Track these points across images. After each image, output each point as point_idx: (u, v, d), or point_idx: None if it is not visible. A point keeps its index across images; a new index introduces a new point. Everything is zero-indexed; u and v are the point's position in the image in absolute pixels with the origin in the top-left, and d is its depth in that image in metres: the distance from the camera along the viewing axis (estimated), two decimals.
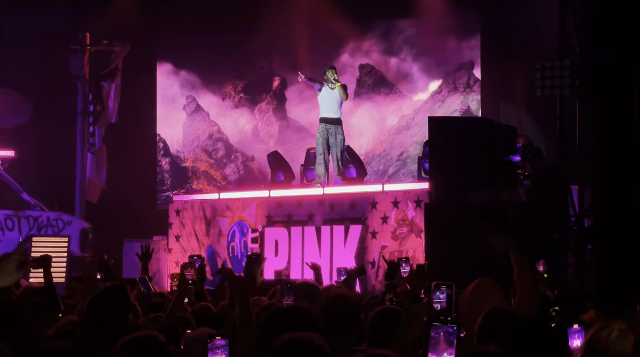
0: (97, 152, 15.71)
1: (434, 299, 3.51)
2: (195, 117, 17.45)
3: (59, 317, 4.87)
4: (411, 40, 15.78)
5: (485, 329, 3.74)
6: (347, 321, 3.89)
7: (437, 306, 3.49)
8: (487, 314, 3.83)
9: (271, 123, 16.98)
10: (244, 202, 12.83)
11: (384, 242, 11.53)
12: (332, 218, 11.96)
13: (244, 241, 12.67)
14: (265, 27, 15.79)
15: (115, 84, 15.77)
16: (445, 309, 3.47)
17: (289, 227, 12.12)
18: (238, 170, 17.11)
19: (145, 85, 17.17)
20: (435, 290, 3.51)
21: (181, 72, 17.40)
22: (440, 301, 3.50)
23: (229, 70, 17.17)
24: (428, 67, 15.72)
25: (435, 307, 3.49)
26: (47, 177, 15.99)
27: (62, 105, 16.36)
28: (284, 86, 16.87)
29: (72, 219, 14.23)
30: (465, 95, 15.44)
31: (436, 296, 3.51)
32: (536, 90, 9.79)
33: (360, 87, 16.03)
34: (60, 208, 14.46)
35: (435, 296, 3.51)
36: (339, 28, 15.51)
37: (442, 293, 3.49)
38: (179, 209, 13.36)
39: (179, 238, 13.27)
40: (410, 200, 11.44)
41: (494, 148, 9.28)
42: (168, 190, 16.84)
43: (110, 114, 15.83)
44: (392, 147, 16.01)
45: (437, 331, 3.05)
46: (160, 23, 16.48)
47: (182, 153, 17.48)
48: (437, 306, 3.50)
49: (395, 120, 16.02)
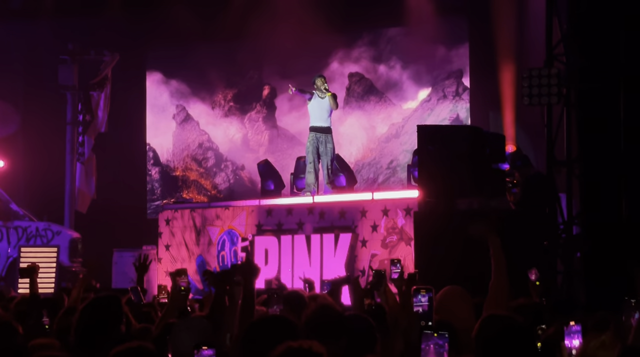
0: (87, 161, 15.69)
1: (415, 303, 3.53)
2: (185, 126, 17.45)
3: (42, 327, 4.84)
4: (400, 48, 15.84)
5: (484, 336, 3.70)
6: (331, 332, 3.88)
7: (418, 309, 3.51)
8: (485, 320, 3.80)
9: (261, 131, 17.00)
10: (234, 211, 12.83)
11: (373, 250, 11.54)
12: (322, 226, 11.97)
13: (234, 250, 12.66)
14: (255, 36, 15.83)
15: (105, 93, 15.78)
16: (427, 312, 3.49)
17: (278, 235, 12.12)
18: (228, 179, 17.11)
19: (135, 94, 17.16)
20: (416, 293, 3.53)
21: (171, 81, 17.40)
22: (422, 304, 3.52)
23: (219, 79, 17.19)
24: (417, 75, 15.77)
25: (417, 310, 3.51)
26: (36, 187, 15.96)
27: (51, 115, 16.35)
28: (274, 95, 16.89)
29: (61, 229, 14.20)
30: (454, 103, 15.49)
31: (417, 299, 3.52)
32: (524, 98, 9.83)
33: (350, 96, 16.07)
34: (49, 218, 14.43)
35: (417, 299, 3.52)
36: (328, 36, 15.54)
37: (423, 296, 3.50)
38: (169, 218, 13.35)
39: (169, 247, 13.25)
40: (400, 208, 11.45)
41: (482, 156, 9.29)
42: (158, 199, 16.82)
43: (99, 123, 15.83)
44: (381, 155, 16.04)
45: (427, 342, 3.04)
46: (150, 32, 16.48)
47: (171, 162, 17.48)
48: (418, 309, 3.51)
49: (385, 128, 16.05)
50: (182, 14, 15.77)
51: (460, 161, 9.13)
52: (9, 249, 13.73)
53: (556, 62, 9.86)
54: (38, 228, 13.85)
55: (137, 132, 17.23)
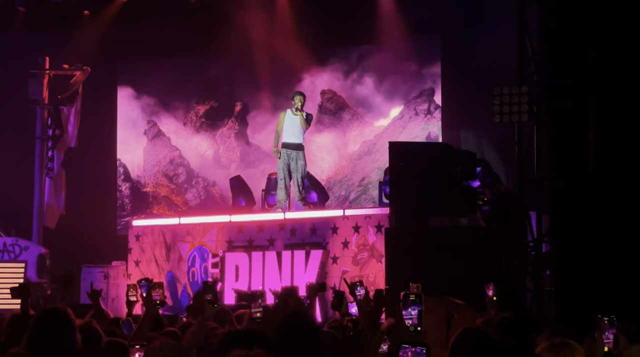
0: (56, 176, 15.54)
1: (405, 315, 3.47)
2: (156, 141, 17.36)
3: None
4: (372, 66, 15.89)
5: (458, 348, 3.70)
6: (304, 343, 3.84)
7: (408, 322, 3.45)
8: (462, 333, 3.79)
9: (232, 148, 16.94)
10: (205, 227, 12.75)
11: (344, 267, 11.52)
12: (293, 243, 11.94)
13: (204, 266, 12.58)
14: (227, 52, 15.81)
15: (75, 107, 15.65)
16: (416, 325, 3.44)
17: (249, 252, 12.06)
18: (199, 195, 17.02)
19: (106, 109, 17.05)
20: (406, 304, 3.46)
21: (142, 96, 17.32)
22: (412, 317, 3.46)
23: (190, 94, 17.13)
24: (389, 93, 15.82)
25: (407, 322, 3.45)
26: (4, 201, 15.76)
27: (20, 129, 16.18)
28: (246, 111, 16.86)
29: (29, 244, 14.02)
30: (426, 121, 15.56)
31: (407, 312, 3.47)
32: (495, 116, 9.89)
33: (321, 113, 16.08)
34: (17, 233, 14.25)
35: (407, 312, 3.46)
36: (300, 53, 15.57)
37: (413, 309, 3.45)
38: (139, 233, 13.24)
39: (138, 263, 13.14)
40: (371, 225, 11.46)
41: (453, 173, 9.33)
42: (128, 215, 16.68)
43: (69, 138, 15.69)
44: (353, 172, 16.05)
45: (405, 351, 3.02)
46: (121, 47, 16.40)
47: (142, 178, 17.36)
48: (408, 321, 3.45)
49: (357, 145, 16.07)
50: (153, 29, 15.71)
51: (431, 178, 9.17)
52: None
53: (527, 81, 9.94)
54: (5, 243, 13.66)
55: (107, 147, 17.11)
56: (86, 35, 15.71)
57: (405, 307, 3.46)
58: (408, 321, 3.44)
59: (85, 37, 15.73)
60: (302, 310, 5.69)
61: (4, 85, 16.36)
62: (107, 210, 16.80)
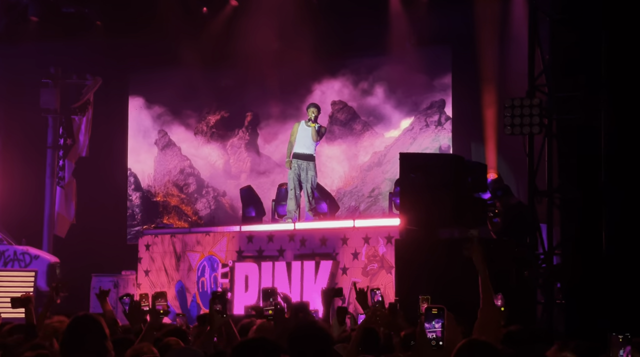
0: (67, 185, 15.60)
1: (427, 328, 3.44)
2: (167, 151, 17.40)
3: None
4: (383, 77, 15.91)
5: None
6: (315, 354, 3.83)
7: (431, 335, 3.42)
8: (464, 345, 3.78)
9: (243, 158, 16.97)
10: (214, 237, 12.76)
11: (354, 277, 11.50)
12: (303, 253, 11.93)
13: (214, 276, 12.58)
14: (238, 63, 15.86)
15: (86, 117, 15.74)
16: (440, 339, 3.41)
17: (259, 262, 12.06)
18: (209, 205, 17.04)
19: (117, 119, 17.12)
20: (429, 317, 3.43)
21: (153, 106, 17.37)
22: (435, 330, 3.43)
23: (201, 104, 17.18)
24: (400, 104, 15.83)
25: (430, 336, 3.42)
26: (15, 210, 15.83)
27: (32, 139, 16.26)
28: (256, 121, 16.90)
29: (39, 253, 14.07)
30: (437, 132, 15.55)
31: (431, 325, 3.43)
32: (506, 127, 9.86)
33: (332, 124, 16.10)
34: (28, 242, 14.31)
35: (430, 324, 3.43)
36: (311, 64, 15.60)
37: (437, 322, 3.42)
38: (149, 243, 13.26)
39: (148, 272, 13.15)
40: (381, 236, 11.45)
41: (464, 185, 9.31)
42: (138, 224, 16.71)
43: (80, 147, 15.76)
44: (363, 183, 16.05)
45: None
46: (132, 57, 16.48)
47: (152, 187, 17.39)
48: (431, 335, 3.42)
49: (367, 156, 16.08)
50: (165, 39, 15.79)
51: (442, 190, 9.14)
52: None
53: (538, 93, 9.92)
54: (16, 252, 13.71)
55: (118, 157, 17.16)
56: (98, 45, 15.79)
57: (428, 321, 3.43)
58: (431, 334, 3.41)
59: (97, 47, 15.80)
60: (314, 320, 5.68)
61: (16, 94, 16.46)
62: (118, 219, 16.84)
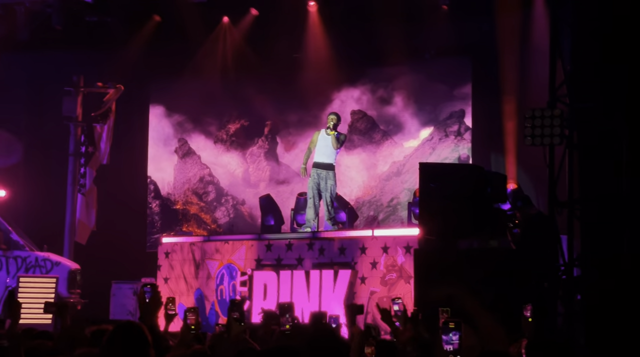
0: (88, 193, 15.69)
1: (444, 340, 3.44)
2: (187, 159, 17.48)
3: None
4: (403, 86, 15.90)
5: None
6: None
7: (448, 348, 3.41)
8: None
9: (262, 167, 17.02)
10: (233, 245, 12.80)
11: (372, 287, 11.49)
12: (321, 262, 11.94)
13: (233, 284, 12.61)
14: (257, 72, 15.92)
15: (108, 125, 15.83)
16: (457, 351, 3.41)
17: (278, 270, 12.08)
18: (228, 213, 17.10)
19: (137, 127, 17.22)
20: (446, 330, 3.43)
21: (173, 115, 17.47)
22: (452, 342, 3.42)
23: (221, 113, 17.25)
24: (419, 113, 15.83)
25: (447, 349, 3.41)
26: (37, 217, 15.95)
27: (53, 146, 16.39)
28: (276, 130, 16.94)
29: (60, 260, 14.15)
30: (456, 143, 15.53)
31: (448, 337, 3.43)
32: (526, 138, 9.85)
33: (352, 133, 16.12)
34: (49, 248, 14.40)
35: (447, 337, 3.43)
36: (331, 73, 15.64)
37: (454, 334, 3.41)
38: (168, 251, 13.32)
39: (167, 280, 13.20)
40: (400, 245, 11.44)
41: (483, 195, 9.30)
42: (157, 232, 16.78)
43: (101, 155, 15.86)
44: (382, 193, 16.04)
45: None
46: (153, 66, 16.58)
47: (172, 195, 17.47)
48: (448, 347, 3.42)
49: (386, 166, 16.08)
50: (185, 48, 15.89)
51: (461, 200, 9.14)
52: (7, 278, 13.68)
53: (559, 103, 9.90)
54: (37, 258, 13.80)
55: (138, 165, 17.26)
56: (120, 53, 15.90)
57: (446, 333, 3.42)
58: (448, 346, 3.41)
59: (119, 55, 15.92)
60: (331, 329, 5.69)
61: (39, 102, 16.61)
62: (137, 227, 16.92)
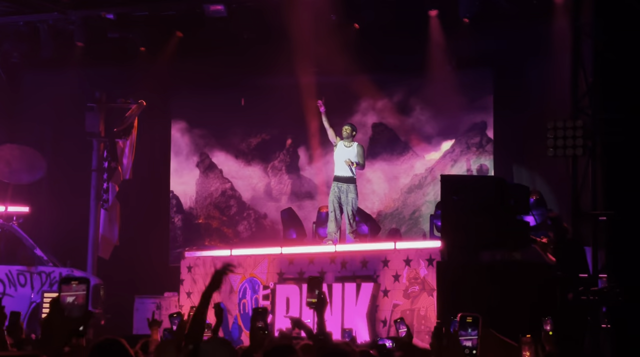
0: (110, 208, 15.78)
1: (462, 335, 3.41)
2: (209, 174, 17.54)
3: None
4: (423, 98, 15.88)
5: None
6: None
7: (466, 343, 3.39)
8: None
9: (283, 180, 17.04)
10: (256, 259, 12.81)
11: (395, 300, 11.46)
12: (344, 275, 11.93)
13: (255, 298, 12.62)
14: (279, 86, 15.97)
15: (130, 140, 15.92)
16: (472, 348, 3.39)
17: (300, 284, 12.07)
18: (250, 227, 17.12)
19: (160, 142, 17.31)
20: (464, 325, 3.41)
21: (195, 130, 17.54)
22: (471, 338, 3.41)
23: (243, 127, 17.30)
24: (440, 126, 15.79)
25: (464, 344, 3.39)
26: (60, 232, 16.05)
27: (76, 162, 16.50)
28: (297, 144, 16.97)
29: (83, 275, 14.23)
30: (478, 155, 15.48)
31: (466, 332, 3.41)
32: (549, 149, 9.81)
33: (373, 146, 16.11)
34: (73, 264, 14.48)
35: (466, 332, 3.41)
36: (352, 87, 15.65)
37: (472, 330, 3.40)
38: (191, 265, 13.35)
39: (190, 294, 13.23)
40: (422, 258, 11.41)
41: (506, 207, 9.26)
42: (180, 247, 16.83)
43: (124, 170, 15.95)
44: (404, 205, 16.01)
45: None
46: (175, 81, 16.68)
47: (194, 210, 17.53)
48: (467, 342, 3.40)
49: (408, 178, 16.05)
50: (207, 64, 15.97)
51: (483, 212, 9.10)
52: (32, 294, 13.76)
53: (581, 115, 9.86)
54: (61, 273, 13.88)
55: (160, 179, 17.33)
56: (142, 70, 16.02)
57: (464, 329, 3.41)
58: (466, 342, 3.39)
59: (141, 71, 16.03)
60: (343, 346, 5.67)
61: (62, 118, 16.74)
62: (160, 241, 16.97)
